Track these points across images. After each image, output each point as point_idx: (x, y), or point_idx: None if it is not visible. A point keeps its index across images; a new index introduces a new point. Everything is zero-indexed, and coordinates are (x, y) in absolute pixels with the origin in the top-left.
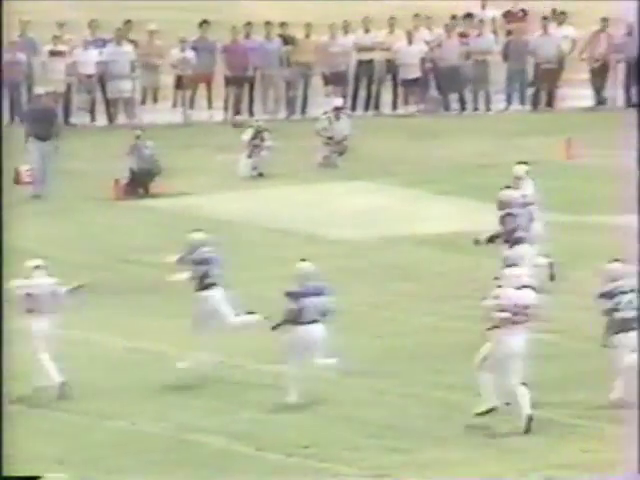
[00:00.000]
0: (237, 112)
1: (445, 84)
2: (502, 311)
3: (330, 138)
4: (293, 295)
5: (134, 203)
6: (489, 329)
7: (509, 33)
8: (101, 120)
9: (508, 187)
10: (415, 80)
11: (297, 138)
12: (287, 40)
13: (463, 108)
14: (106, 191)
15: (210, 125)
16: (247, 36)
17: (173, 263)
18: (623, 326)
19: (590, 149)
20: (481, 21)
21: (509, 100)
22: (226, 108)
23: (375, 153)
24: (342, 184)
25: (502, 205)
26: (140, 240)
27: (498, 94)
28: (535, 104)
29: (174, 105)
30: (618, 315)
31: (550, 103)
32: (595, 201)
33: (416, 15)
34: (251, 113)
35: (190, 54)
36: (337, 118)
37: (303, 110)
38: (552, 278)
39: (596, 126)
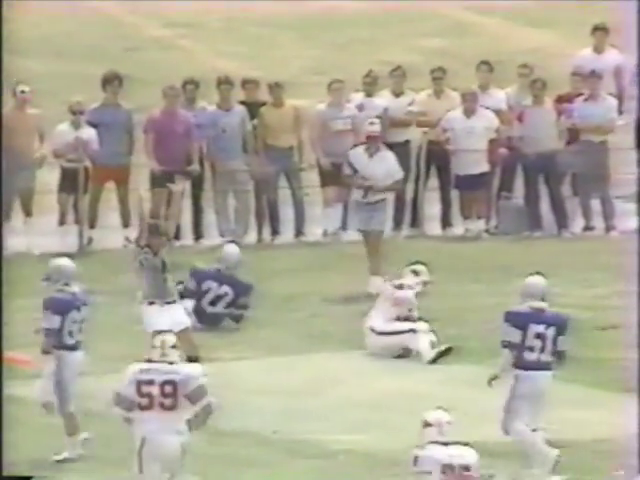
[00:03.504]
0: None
1: (532, 184)
2: None
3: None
4: None
5: None
6: None
7: None
8: None
9: None
10: (480, 177)
11: (281, 278)
12: (257, 109)
13: (563, 226)
14: None
15: (125, 255)
16: (190, 102)
17: None
18: None
19: None
20: (594, 74)
21: None
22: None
23: None
24: (350, 355)
25: None
26: None
27: (626, 202)
28: None
29: (61, 222)
30: None
31: None
32: None
33: (483, 64)
34: (197, 235)
35: (88, 132)
36: (371, 154)
37: (298, 229)
38: None
39: None
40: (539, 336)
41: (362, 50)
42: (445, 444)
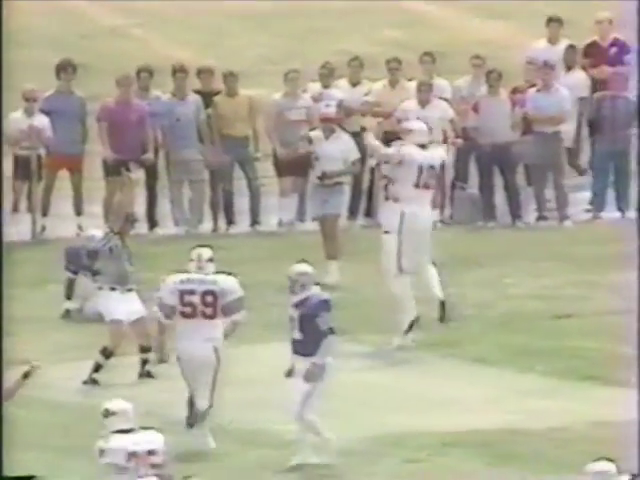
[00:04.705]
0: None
1: (486, 175)
2: None
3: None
4: None
5: None
6: None
7: (597, 84)
8: None
9: None
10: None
11: (237, 268)
12: (212, 98)
13: (517, 216)
14: None
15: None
16: (144, 90)
17: None
18: None
19: None
20: (547, 65)
21: (599, 203)
22: (107, 215)
23: (363, 292)
24: None
25: None
26: None
27: (580, 192)
28: None
29: (14, 209)
30: None
31: None
32: None
33: (426, 55)
34: (152, 224)
35: (41, 120)
36: (326, 136)
37: (253, 219)
38: None
39: None
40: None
41: (319, 40)
42: (129, 431)
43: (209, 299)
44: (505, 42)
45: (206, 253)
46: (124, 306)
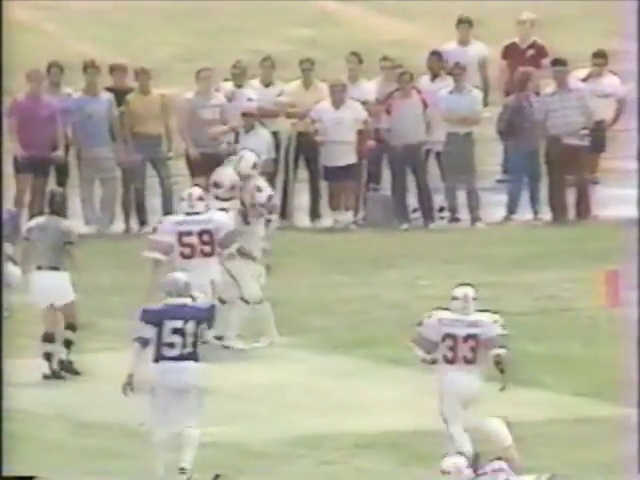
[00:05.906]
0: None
1: (398, 176)
2: None
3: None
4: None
5: None
6: None
7: (512, 86)
8: None
9: None
10: (348, 169)
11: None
12: (124, 96)
13: (429, 218)
14: None
15: None
16: (55, 86)
17: None
18: None
19: None
20: (459, 66)
21: (511, 205)
22: (17, 212)
23: (279, 295)
24: (218, 346)
25: None
26: None
27: (491, 194)
28: (556, 212)
29: None
30: None
31: (580, 210)
32: None
33: (352, 55)
34: None
35: None
36: (247, 130)
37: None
38: None
39: None
40: (177, 331)
41: (231, 38)
42: None
43: (206, 237)
44: (416, 43)
45: (196, 192)
46: (54, 287)
